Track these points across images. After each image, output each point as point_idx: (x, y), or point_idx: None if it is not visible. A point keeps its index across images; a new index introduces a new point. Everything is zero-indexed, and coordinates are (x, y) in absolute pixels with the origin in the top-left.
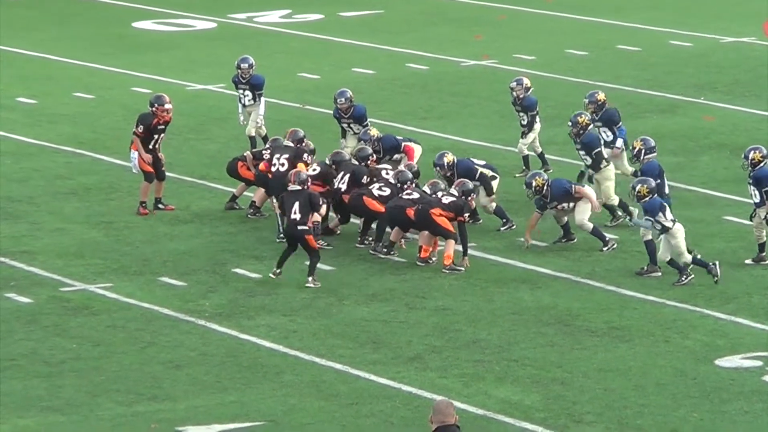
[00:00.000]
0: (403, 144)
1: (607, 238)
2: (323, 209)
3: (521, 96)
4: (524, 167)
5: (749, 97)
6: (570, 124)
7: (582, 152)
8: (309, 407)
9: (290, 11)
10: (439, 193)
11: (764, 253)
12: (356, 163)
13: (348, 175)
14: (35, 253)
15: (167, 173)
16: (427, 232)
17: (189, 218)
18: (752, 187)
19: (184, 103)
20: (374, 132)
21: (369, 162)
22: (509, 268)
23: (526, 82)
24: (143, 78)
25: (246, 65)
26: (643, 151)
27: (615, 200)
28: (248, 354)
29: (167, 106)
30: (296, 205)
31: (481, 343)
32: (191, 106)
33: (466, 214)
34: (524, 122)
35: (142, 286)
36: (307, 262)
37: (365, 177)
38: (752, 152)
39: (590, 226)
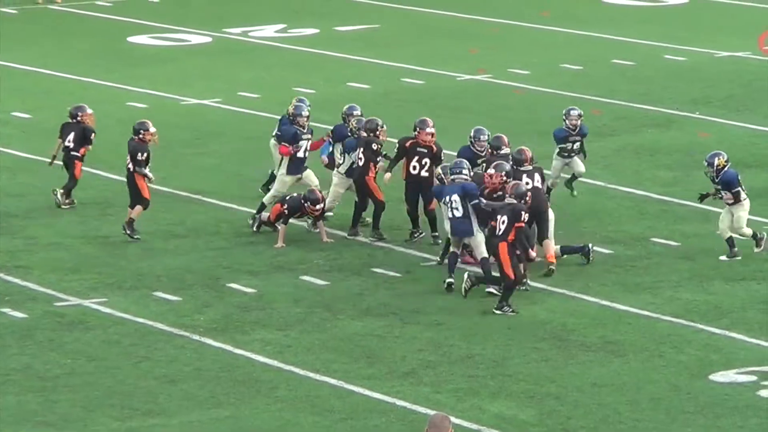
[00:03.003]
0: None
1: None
2: None
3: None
4: None
5: (744, 112)
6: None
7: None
8: (303, 422)
9: (285, 26)
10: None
11: (736, 248)
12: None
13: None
14: (30, 267)
15: (162, 188)
16: None
17: (184, 233)
18: (723, 192)
19: (180, 118)
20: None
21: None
22: None
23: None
24: (139, 92)
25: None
26: None
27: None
28: (243, 369)
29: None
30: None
31: (476, 358)
32: (186, 121)
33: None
34: None
35: (136, 301)
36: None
37: None
38: (716, 158)
39: None
